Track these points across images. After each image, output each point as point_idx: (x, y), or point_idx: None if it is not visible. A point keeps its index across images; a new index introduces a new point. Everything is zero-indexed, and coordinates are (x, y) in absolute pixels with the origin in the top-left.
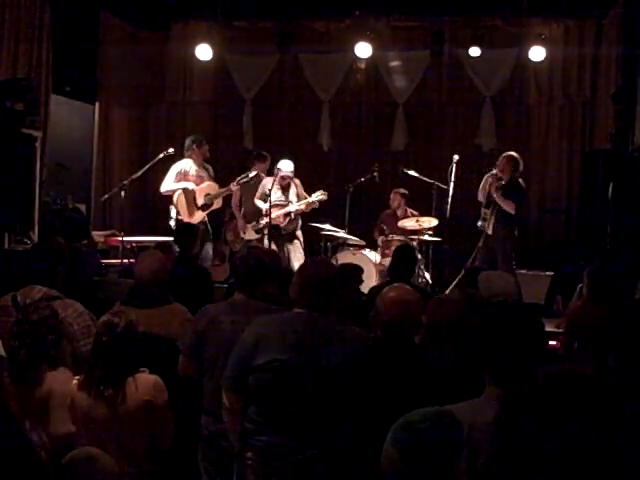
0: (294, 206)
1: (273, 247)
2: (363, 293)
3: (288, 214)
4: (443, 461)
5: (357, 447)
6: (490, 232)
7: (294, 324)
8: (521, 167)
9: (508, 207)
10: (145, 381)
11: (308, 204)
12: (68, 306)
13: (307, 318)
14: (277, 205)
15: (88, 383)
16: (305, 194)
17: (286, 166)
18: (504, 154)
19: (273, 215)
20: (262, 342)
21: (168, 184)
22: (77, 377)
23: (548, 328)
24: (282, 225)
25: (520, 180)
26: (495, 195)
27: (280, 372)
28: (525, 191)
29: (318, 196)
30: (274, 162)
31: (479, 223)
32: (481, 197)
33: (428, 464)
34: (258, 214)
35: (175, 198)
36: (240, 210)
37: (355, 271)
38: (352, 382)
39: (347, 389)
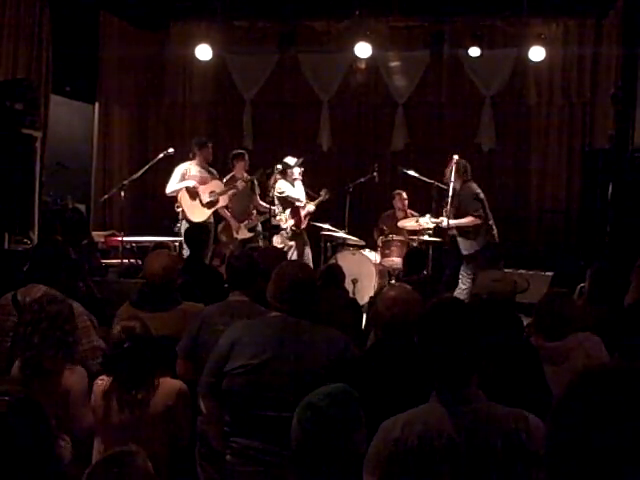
0: (311, 205)
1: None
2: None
3: (308, 214)
4: (343, 432)
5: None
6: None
7: (270, 328)
8: (469, 173)
9: (470, 224)
10: (170, 386)
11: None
12: None
13: (284, 321)
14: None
15: (117, 389)
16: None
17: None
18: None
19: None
20: (236, 346)
21: (172, 185)
22: (100, 380)
23: None
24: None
25: (471, 186)
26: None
27: (252, 376)
28: (478, 195)
29: (325, 195)
30: (273, 161)
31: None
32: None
33: (329, 436)
34: (247, 213)
35: (179, 197)
36: (227, 211)
37: (339, 271)
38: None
39: None
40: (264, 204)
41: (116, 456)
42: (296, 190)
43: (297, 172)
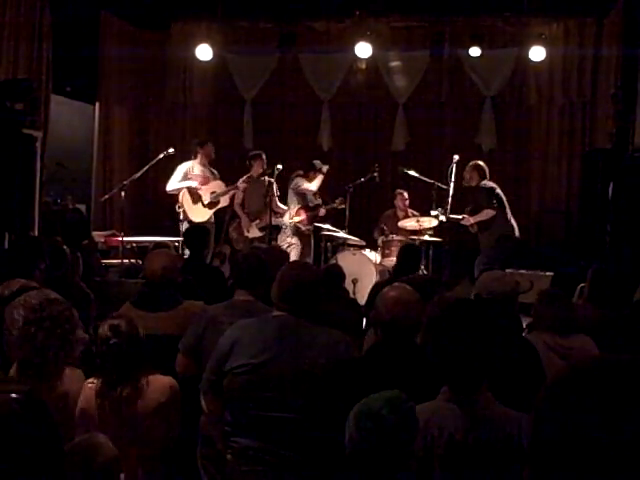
0: (323, 209)
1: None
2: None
3: (317, 215)
4: (404, 439)
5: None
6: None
7: (271, 327)
8: (487, 174)
9: (486, 217)
10: (161, 383)
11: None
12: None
13: (284, 321)
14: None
15: (105, 387)
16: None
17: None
18: (471, 163)
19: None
20: (237, 345)
21: (173, 183)
22: (89, 381)
23: None
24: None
25: (487, 183)
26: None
27: (251, 376)
28: (494, 190)
29: (340, 204)
30: (273, 161)
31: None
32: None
33: (392, 444)
34: (261, 212)
35: (180, 197)
36: (243, 209)
37: (339, 271)
38: (334, 386)
39: (328, 393)
40: (283, 206)
41: (76, 444)
42: (311, 185)
43: (325, 168)
